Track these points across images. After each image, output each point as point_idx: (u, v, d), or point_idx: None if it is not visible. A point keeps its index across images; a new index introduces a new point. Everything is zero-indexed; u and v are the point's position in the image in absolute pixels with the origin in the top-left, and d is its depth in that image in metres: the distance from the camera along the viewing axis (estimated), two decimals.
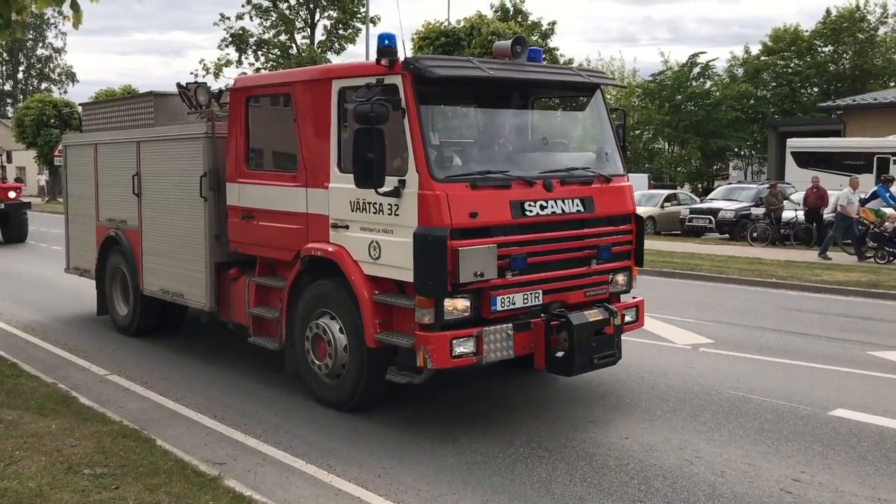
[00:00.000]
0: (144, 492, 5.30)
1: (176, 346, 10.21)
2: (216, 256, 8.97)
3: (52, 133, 42.19)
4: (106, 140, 10.98)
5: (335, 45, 41.14)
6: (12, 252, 21.40)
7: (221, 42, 42.00)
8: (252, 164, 8.44)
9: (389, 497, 5.68)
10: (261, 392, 8.22)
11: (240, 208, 8.43)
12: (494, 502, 5.62)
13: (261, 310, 8.28)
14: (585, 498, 5.67)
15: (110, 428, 6.70)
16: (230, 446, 6.69)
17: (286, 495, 5.67)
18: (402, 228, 6.64)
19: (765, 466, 6.23)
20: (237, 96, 8.50)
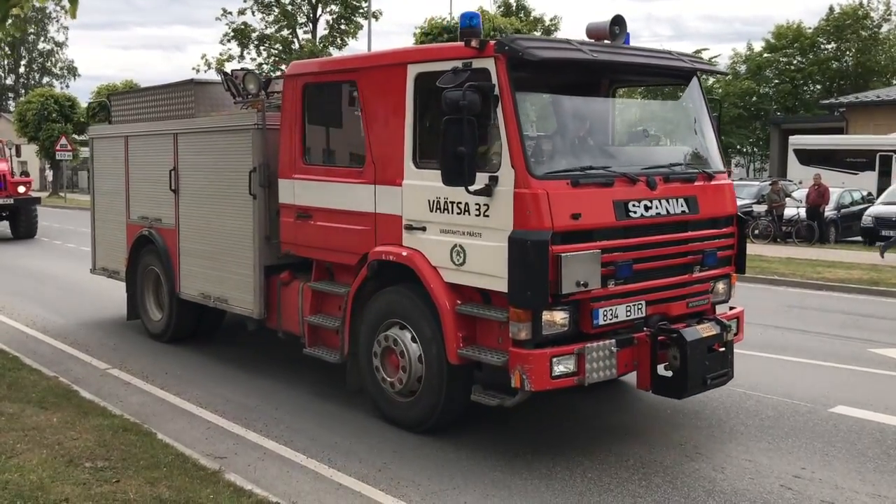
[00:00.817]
0: (145, 485, 5.31)
1: (176, 341, 10.19)
2: (266, 259, 8.24)
3: (54, 127, 42.19)
4: (139, 132, 10.20)
5: (337, 41, 41.14)
6: (18, 247, 21.37)
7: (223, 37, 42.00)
8: (309, 158, 7.72)
9: (390, 492, 5.69)
10: (262, 386, 8.22)
11: (295, 207, 7.72)
12: (495, 497, 5.62)
13: (318, 318, 7.60)
14: (585, 493, 5.68)
15: (111, 421, 6.71)
16: (231, 440, 6.70)
17: (287, 489, 5.68)
18: (492, 231, 5.96)
19: (765, 463, 6.23)
20: (292, 84, 7.78)
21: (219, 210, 8.77)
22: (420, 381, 6.60)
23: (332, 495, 5.64)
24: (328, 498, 5.59)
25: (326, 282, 7.69)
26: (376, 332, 6.91)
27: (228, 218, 8.60)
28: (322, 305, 7.69)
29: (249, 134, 8.20)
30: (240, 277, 8.48)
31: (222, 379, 8.53)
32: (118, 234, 10.66)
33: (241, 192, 8.31)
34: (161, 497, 5.12)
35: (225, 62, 41.65)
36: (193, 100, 9.34)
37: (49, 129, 42.38)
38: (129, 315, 10.56)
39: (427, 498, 5.60)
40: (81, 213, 33.28)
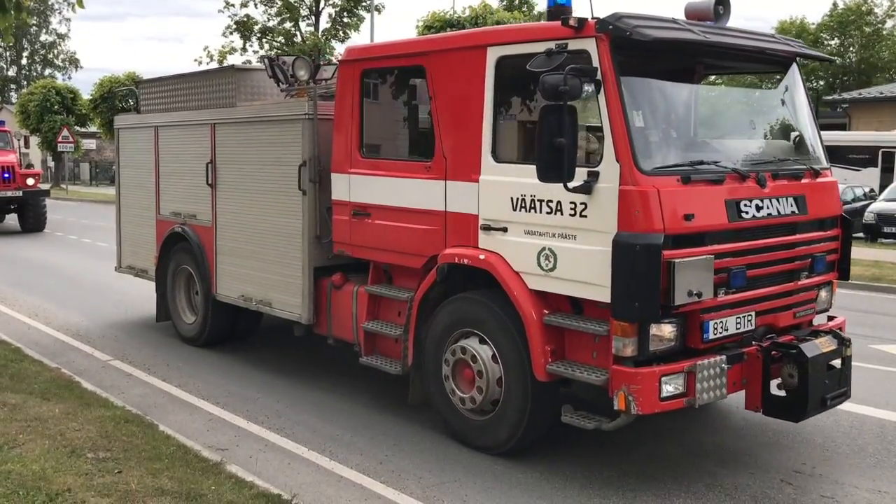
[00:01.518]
0: (147, 476, 5.32)
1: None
2: (316, 260, 7.63)
3: (56, 119, 42.17)
4: (171, 122, 9.54)
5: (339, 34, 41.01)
6: (22, 239, 21.37)
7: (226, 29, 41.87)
8: (368, 151, 7.11)
9: (391, 484, 5.70)
10: (263, 378, 8.24)
11: (350, 204, 7.11)
12: (495, 490, 5.63)
13: (375, 325, 7.00)
14: (586, 486, 5.69)
15: (113, 413, 6.73)
16: (232, 432, 6.72)
17: (288, 481, 5.69)
18: (590, 233, 5.35)
19: (765, 457, 6.24)
20: (349, 70, 7.12)
21: (262, 206, 8.13)
22: (499, 399, 6.02)
23: (332, 487, 5.65)
24: (329, 490, 5.60)
25: (385, 286, 7.09)
26: (446, 342, 6.34)
27: (274, 215, 7.99)
28: (379, 311, 7.10)
29: (299, 125, 7.54)
30: (286, 279, 7.86)
31: (223, 371, 8.54)
32: (146, 230, 10.06)
33: (288, 188, 7.69)
34: (163, 488, 5.14)
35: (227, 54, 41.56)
36: (234, 87, 8.68)
37: (51, 121, 42.37)
38: (159, 317, 10.00)
39: (428, 490, 5.61)
40: (83, 205, 33.32)
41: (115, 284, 13.71)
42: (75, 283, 14.01)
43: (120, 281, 13.98)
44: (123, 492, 5.03)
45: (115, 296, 12.68)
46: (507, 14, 28.54)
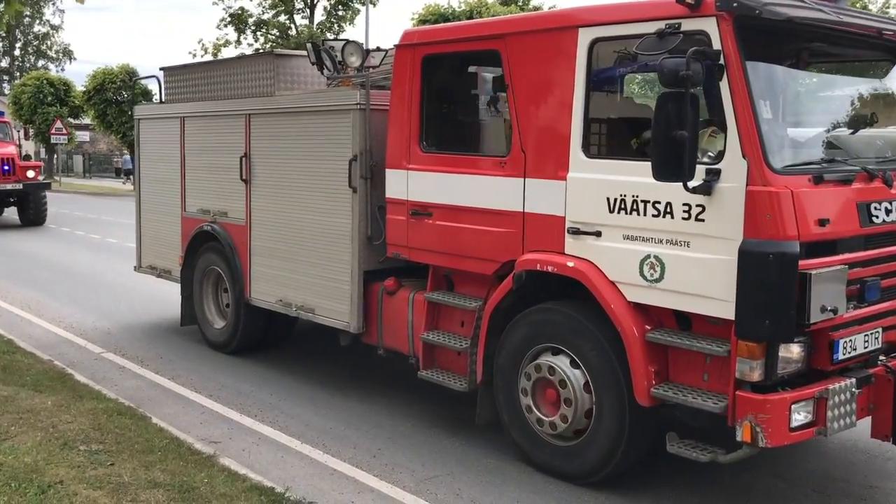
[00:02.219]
0: (140, 468, 5.32)
1: (171, 325, 10.20)
2: (366, 263, 7.00)
3: (49, 111, 41.95)
4: (199, 112, 8.89)
5: (334, 27, 40.99)
6: (17, 231, 21.28)
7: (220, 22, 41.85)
8: (430, 145, 6.43)
9: (384, 477, 5.71)
10: (256, 372, 8.23)
11: (408, 203, 6.46)
12: (488, 483, 5.64)
13: (437, 336, 6.39)
14: None
15: (106, 405, 6.72)
16: (225, 425, 6.71)
17: (281, 474, 5.69)
18: (709, 240, 4.74)
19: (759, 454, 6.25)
20: (407, 55, 6.44)
21: (305, 204, 7.47)
22: (588, 423, 5.42)
23: (326, 481, 5.65)
24: (322, 483, 5.60)
25: (447, 293, 6.49)
26: (523, 358, 5.73)
27: (318, 214, 7.32)
28: (439, 320, 6.50)
29: (350, 116, 6.86)
30: (332, 283, 7.21)
31: (216, 364, 8.52)
32: (170, 228, 9.41)
33: (336, 185, 7.04)
34: (156, 480, 5.13)
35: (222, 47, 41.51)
36: (272, 75, 7.96)
37: (44, 113, 42.16)
38: (184, 321, 9.37)
39: (421, 484, 5.62)
40: (77, 197, 33.22)
41: (108, 277, 13.70)
42: (68, 275, 13.96)
43: (112, 273, 13.99)
44: (116, 484, 5.02)
45: (107, 288, 12.65)
46: (502, 8, 28.47)
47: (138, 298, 11.80)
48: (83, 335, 9.66)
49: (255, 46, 41.66)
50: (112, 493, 4.90)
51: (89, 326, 10.10)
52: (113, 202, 32.06)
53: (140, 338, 9.59)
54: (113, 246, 17.99)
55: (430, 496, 5.43)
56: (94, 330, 9.93)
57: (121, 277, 13.63)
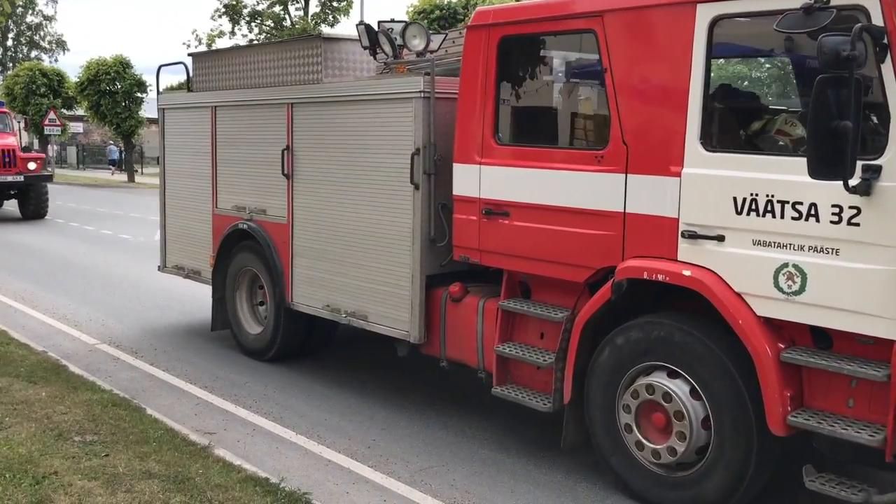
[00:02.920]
0: (134, 459, 5.32)
1: (165, 316, 10.20)
2: (428, 267, 6.39)
3: (42, 102, 41.79)
4: (234, 101, 8.25)
5: (329, 18, 40.84)
6: (10, 222, 21.19)
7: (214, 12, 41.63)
8: (508, 137, 5.91)
9: (379, 468, 5.72)
10: (251, 363, 8.22)
11: (481, 201, 5.87)
12: (483, 474, 5.66)
13: (514, 349, 5.76)
14: (572, 470, 5.71)
15: (100, 396, 6.72)
16: (220, 416, 6.72)
17: (276, 465, 5.70)
18: (865, 248, 4.17)
19: None
20: (481, 37, 5.83)
21: (357, 202, 6.85)
22: (705, 453, 4.83)
23: (320, 471, 5.67)
24: (317, 474, 5.61)
25: (526, 301, 5.88)
26: (625, 376, 5.12)
27: (372, 212, 6.71)
28: (514, 332, 5.91)
29: (412, 104, 6.24)
30: (388, 288, 6.62)
31: (211, 356, 8.52)
32: (199, 226, 8.80)
33: (394, 180, 6.45)
34: (150, 471, 5.13)
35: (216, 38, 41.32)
36: (320, 60, 7.28)
37: (37, 104, 42.01)
38: (215, 325, 8.79)
39: (416, 475, 5.63)
40: (72, 189, 33.12)
41: (102, 268, 13.70)
42: (62, 267, 13.93)
43: (106, 265, 13.99)
44: (111, 475, 5.03)
45: (101, 280, 12.64)
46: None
47: (132, 290, 11.80)
48: (77, 326, 9.64)
49: (250, 38, 41.51)
50: (107, 484, 4.90)
51: (83, 318, 10.09)
52: (107, 193, 32.00)
53: (134, 329, 9.58)
54: (107, 237, 17.97)
55: (424, 487, 5.44)
56: (88, 321, 9.91)
57: (115, 269, 13.64)
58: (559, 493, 5.38)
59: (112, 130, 40.59)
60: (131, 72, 38.25)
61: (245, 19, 41.10)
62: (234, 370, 8.00)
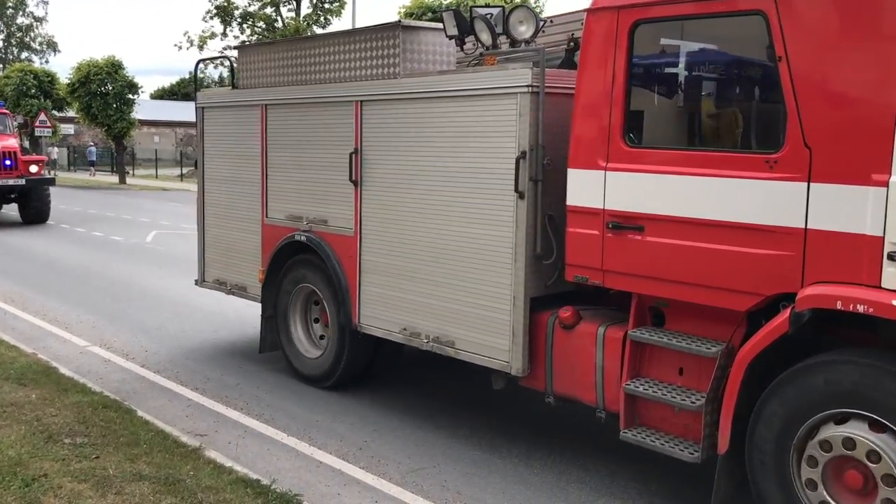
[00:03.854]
0: (125, 461, 5.31)
1: (157, 318, 10.17)
2: (533, 288, 5.58)
3: (33, 103, 41.65)
4: (289, 99, 7.45)
5: (321, 19, 40.87)
6: (4, 225, 21.13)
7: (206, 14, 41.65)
8: (642, 137, 5.07)
9: (370, 469, 5.72)
10: (241, 365, 8.22)
11: (606, 213, 5.03)
12: (474, 475, 5.66)
13: (650, 387, 4.94)
14: (564, 472, 5.73)
15: (91, 398, 6.70)
16: (211, 418, 6.70)
17: (267, 467, 5.69)
18: None
19: None
20: (608, 22, 5.01)
21: (445, 212, 6.05)
22: None
23: (312, 473, 5.66)
24: (308, 476, 5.61)
25: (668, 333, 4.98)
26: (804, 424, 4.29)
27: (464, 224, 5.90)
28: (643, 366, 5.12)
29: (515, 101, 5.45)
30: (483, 312, 5.81)
31: (202, 357, 8.50)
32: (246, 237, 8.03)
33: (493, 188, 5.66)
34: (141, 473, 5.13)
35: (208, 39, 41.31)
36: (398, 52, 6.42)
37: (28, 105, 41.87)
38: (263, 347, 8.03)
39: (407, 476, 5.63)
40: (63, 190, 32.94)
41: (93, 270, 13.66)
42: (52, 268, 13.89)
43: (97, 266, 13.96)
44: (101, 477, 5.02)
45: (93, 281, 12.60)
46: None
47: (123, 292, 11.77)
48: (68, 328, 9.61)
49: (242, 39, 41.48)
50: (97, 486, 4.89)
51: (74, 320, 10.05)
52: (98, 195, 31.89)
53: (125, 331, 9.55)
54: (98, 239, 17.92)
55: (415, 488, 5.44)
56: (79, 323, 9.88)
57: (106, 271, 13.60)
58: (550, 494, 5.39)
59: (103, 132, 40.48)
60: (123, 73, 38.20)
61: (237, 21, 41.10)
62: (226, 371, 7.98)
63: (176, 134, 61.36)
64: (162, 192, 34.77)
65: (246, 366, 8.20)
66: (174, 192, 34.94)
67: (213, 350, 8.76)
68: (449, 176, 6.01)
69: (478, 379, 6.41)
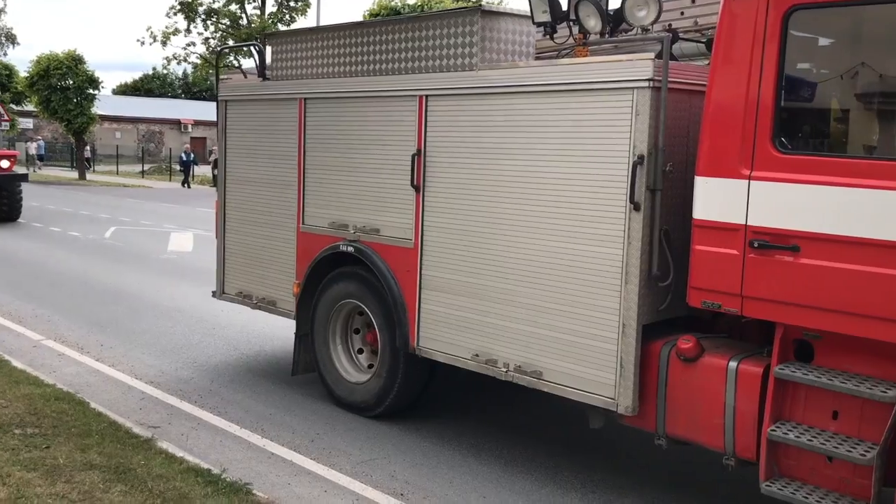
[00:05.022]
0: (76, 451, 5.35)
1: (112, 312, 10.15)
2: (647, 314, 4.88)
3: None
4: (335, 92, 6.64)
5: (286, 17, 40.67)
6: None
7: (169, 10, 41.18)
8: (799, 142, 4.45)
9: (321, 460, 5.82)
10: (198, 359, 8.25)
11: (749, 229, 4.36)
12: (423, 466, 5.79)
13: (802, 434, 4.26)
14: (510, 462, 5.88)
15: (43, 390, 6.70)
16: (165, 410, 6.75)
17: (219, 457, 5.76)
18: None
19: None
20: (754, 7, 4.32)
21: (533, 224, 5.28)
22: None
23: (263, 463, 5.74)
24: (259, 466, 5.69)
25: (825, 371, 4.29)
26: None
27: (559, 237, 5.16)
28: (787, 408, 4.43)
29: (630, 97, 4.74)
30: (582, 339, 5.07)
31: (156, 352, 8.52)
32: (277, 246, 7.22)
33: (597, 198, 4.94)
34: (92, 463, 5.17)
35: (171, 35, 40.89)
36: (477, 40, 5.64)
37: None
38: (296, 369, 7.27)
39: (357, 466, 5.74)
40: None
41: (49, 265, 13.55)
42: (8, 262, 13.74)
43: (54, 261, 13.84)
44: (51, 466, 5.06)
45: (49, 276, 12.51)
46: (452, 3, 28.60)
47: (80, 287, 11.71)
48: (22, 322, 9.55)
49: (205, 35, 41.17)
50: (47, 475, 4.93)
51: (29, 314, 9.99)
52: (57, 191, 31.46)
53: (80, 325, 9.52)
54: (56, 234, 17.74)
55: (365, 478, 5.55)
56: (33, 318, 9.82)
57: (62, 266, 13.50)
58: (497, 484, 5.53)
59: (63, 127, 39.92)
60: (83, 68, 37.74)
61: (201, 17, 40.75)
62: (181, 366, 8.02)
63: (138, 130, 60.69)
64: (122, 189, 34.43)
65: (201, 360, 8.24)
66: (134, 189, 34.64)
67: (168, 344, 8.78)
68: (541, 183, 5.22)
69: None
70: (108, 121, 55.54)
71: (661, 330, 4.92)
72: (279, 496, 5.19)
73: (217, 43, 39.57)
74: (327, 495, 5.28)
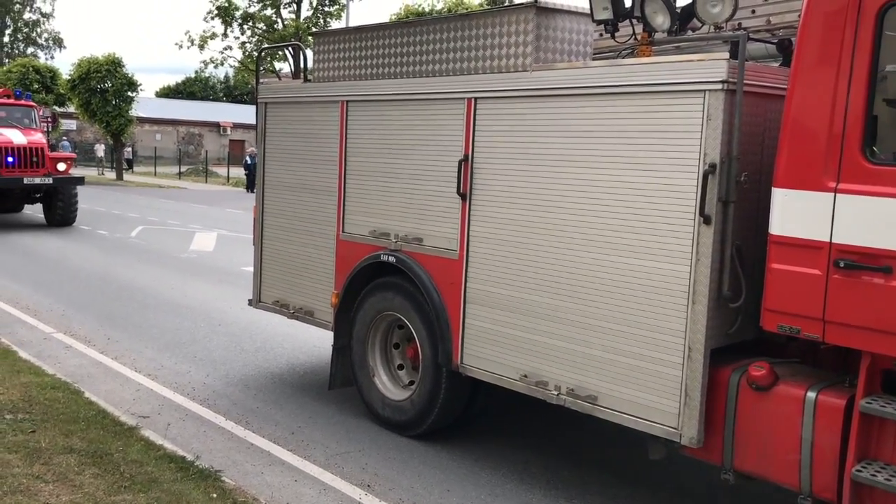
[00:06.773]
0: (59, 436, 5.61)
1: (124, 308, 10.47)
2: (715, 337, 4.51)
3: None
4: (379, 94, 6.37)
5: (320, 22, 41.23)
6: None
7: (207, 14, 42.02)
8: (889, 151, 3.99)
9: (297, 452, 6.01)
10: (198, 354, 8.51)
11: (836, 247, 4.00)
12: (395, 459, 5.95)
13: (890, 476, 3.87)
14: (481, 458, 6.01)
15: (42, 380, 7.00)
16: (157, 402, 7.00)
17: (199, 446, 5.97)
18: None
19: None
20: (843, 4, 4.00)
21: (592, 238, 4.93)
22: None
23: (241, 453, 5.95)
24: (237, 455, 5.89)
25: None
26: None
27: (617, 252, 4.80)
28: (872, 447, 4.05)
29: (702, 100, 4.37)
30: (642, 363, 4.71)
31: (160, 346, 8.79)
32: (316, 253, 6.99)
33: (662, 209, 4.58)
34: (72, 447, 5.43)
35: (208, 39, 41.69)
36: (532, 39, 5.30)
37: None
38: (334, 382, 7.01)
39: (331, 459, 5.92)
40: None
41: (73, 261, 13.97)
42: (32, 257, 14.20)
43: (78, 258, 14.26)
44: (32, 449, 5.33)
45: (70, 272, 12.91)
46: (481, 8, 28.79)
47: (99, 283, 12.08)
48: (37, 315, 9.92)
49: (242, 40, 41.90)
50: (26, 457, 5.19)
51: (45, 308, 10.36)
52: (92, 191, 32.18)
53: (92, 320, 9.85)
54: (84, 233, 18.26)
55: (336, 469, 5.73)
56: (48, 311, 10.19)
57: (84, 262, 13.93)
58: (463, 478, 5.67)
59: (102, 128, 40.88)
60: (122, 71, 38.60)
61: (237, 22, 41.48)
62: (180, 360, 8.28)
63: (178, 132, 61.83)
64: (157, 190, 35.14)
65: (201, 354, 8.49)
66: (168, 190, 35.30)
67: (172, 339, 9.05)
68: (599, 192, 4.87)
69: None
70: (150, 123, 56.70)
71: (729, 355, 4.56)
72: (249, 483, 5.39)
73: (252, 48, 40.20)
74: (296, 484, 5.46)
